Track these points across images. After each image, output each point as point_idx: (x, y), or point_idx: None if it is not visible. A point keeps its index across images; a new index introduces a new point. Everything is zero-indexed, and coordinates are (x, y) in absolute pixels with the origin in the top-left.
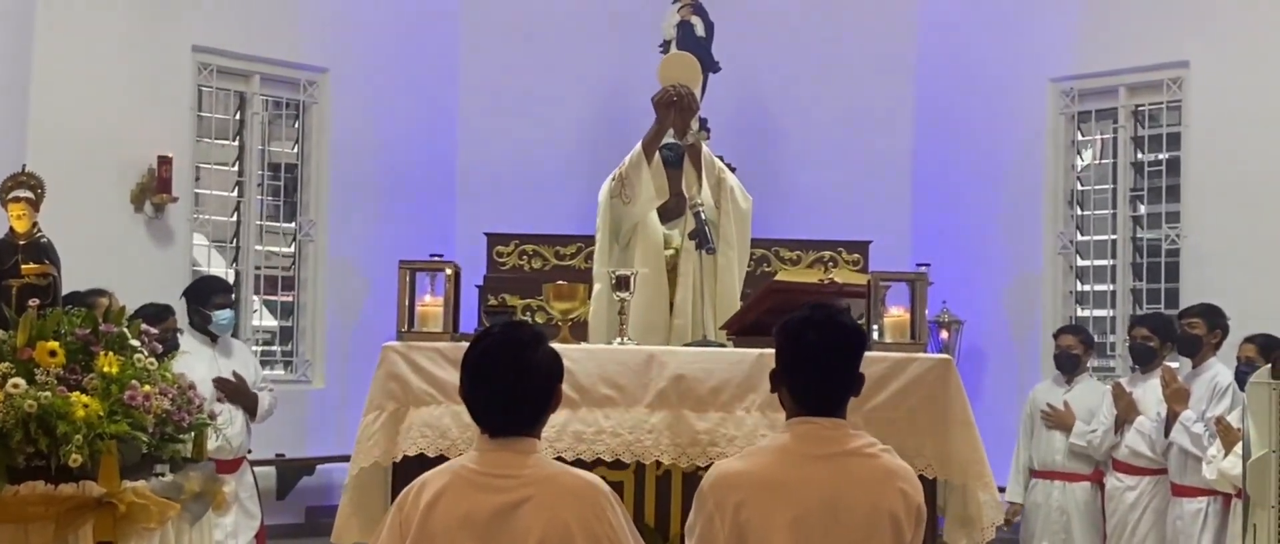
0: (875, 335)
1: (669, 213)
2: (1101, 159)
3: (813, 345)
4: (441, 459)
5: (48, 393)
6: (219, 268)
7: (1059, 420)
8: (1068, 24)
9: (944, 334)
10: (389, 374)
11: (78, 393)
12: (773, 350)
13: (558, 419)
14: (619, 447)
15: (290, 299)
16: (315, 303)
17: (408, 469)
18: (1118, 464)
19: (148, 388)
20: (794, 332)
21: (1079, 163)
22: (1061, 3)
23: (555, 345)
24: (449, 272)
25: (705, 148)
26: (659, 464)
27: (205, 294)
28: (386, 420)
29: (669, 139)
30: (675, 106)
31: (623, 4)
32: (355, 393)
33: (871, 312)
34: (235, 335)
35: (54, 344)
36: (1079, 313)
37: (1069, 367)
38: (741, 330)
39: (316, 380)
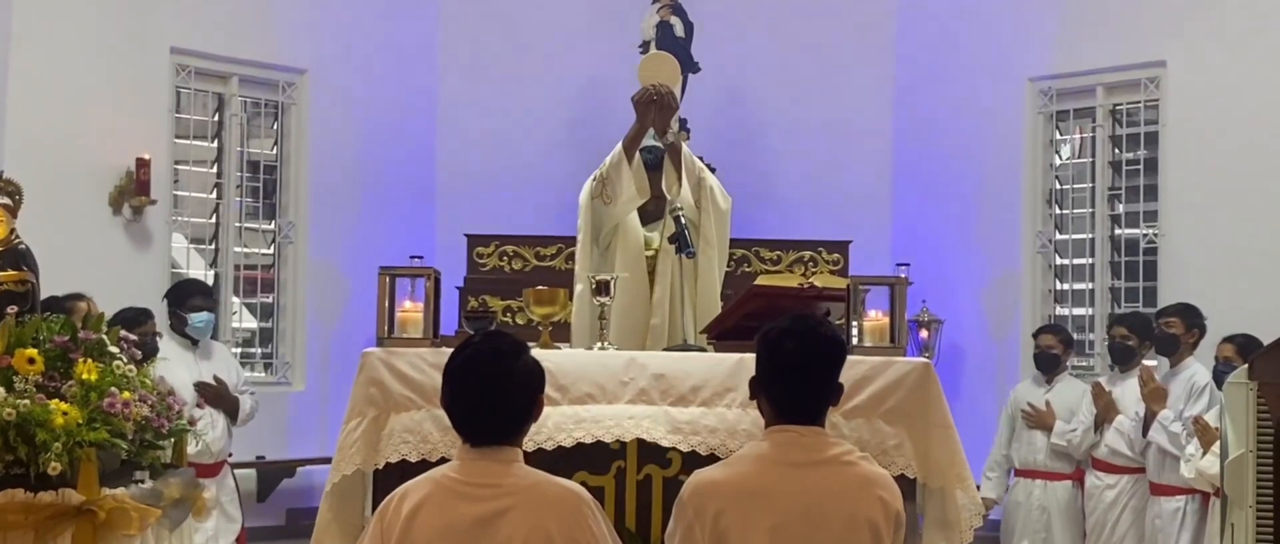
0: (855, 339)
1: (649, 215)
2: (1079, 158)
3: (792, 355)
4: (423, 465)
5: (26, 401)
6: (198, 270)
7: (1039, 420)
8: (1046, 24)
9: (924, 333)
10: (370, 380)
11: (57, 400)
12: (753, 355)
13: (540, 426)
14: (600, 432)
15: (270, 301)
16: (295, 305)
17: (389, 476)
18: (1097, 463)
19: (127, 395)
20: (774, 341)
21: (1057, 160)
22: (1039, 3)
23: (536, 351)
24: (429, 277)
25: (685, 148)
26: (640, 469)
27: (182, 297)
28: (368, 427)
29: (650, 140)
30: (655, 106)
31: (602, 5)
32: (336, 395)
33: (851, 315)
34: (215, 338)
35: (33, 351)
36: (1058, 311)
37: (1048, 366)
38: (722, 334)
39: (297, 382)
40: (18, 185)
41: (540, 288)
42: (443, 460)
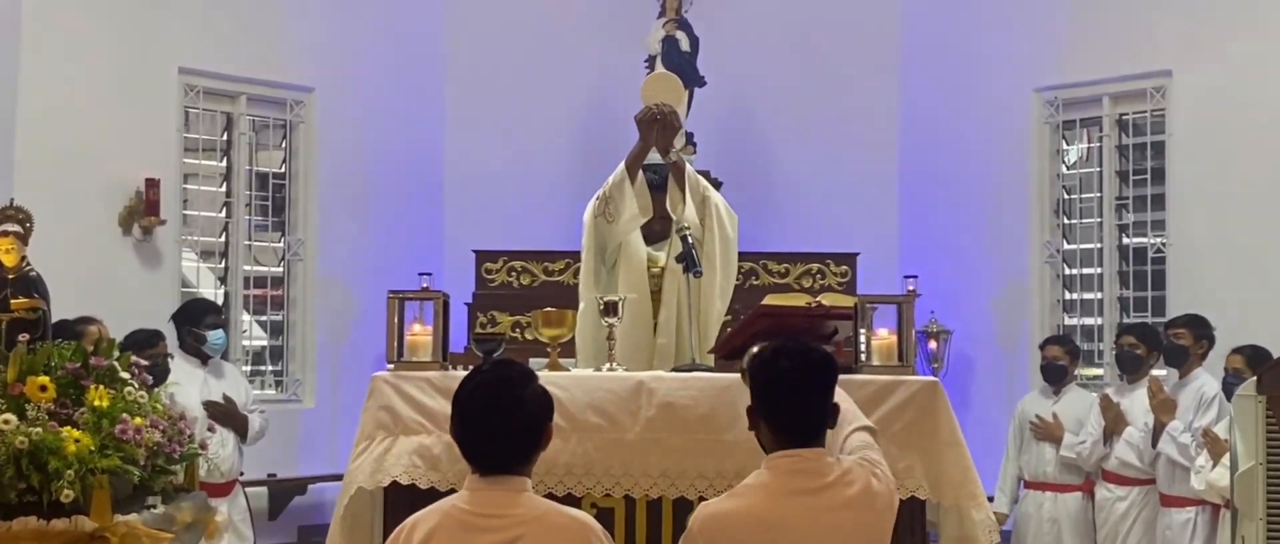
0: (863, 357)
1: (654, 235)
2: (1086, 167)
3: (787, 373)
4: (432, 491)
5: (39, 429)
6: (208, 287)
7: (1048, 432)
8: (1051, 34)
9: (932, 344)
10: (379, 405)
11: (69, 428)
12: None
13: (548, 452)
14: (608, 481)
15: (279, 318)
16: (305, 321)
17: (399, 502)
18: (1107, 475)
19: (139, 421)
20: (767, 361)
21: (1063, 167)
22: (1045, 13)
23: (544, 373)
24: (438, 301)
25: (689, 167)
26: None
27: (197, 316)
28: (378, 453)
29: (654, 158)
30: (658, 125)
31: (608, 20)
32: (347, 412)
33: (859, 333)
34: (225, 357)
35: (44, 379)
36: (1067, 321)
37: (1056, 377)
38: (729, 354)
39: (307, 399)
40: (28, 213)
41: (548, 309)
42: (452, 490)
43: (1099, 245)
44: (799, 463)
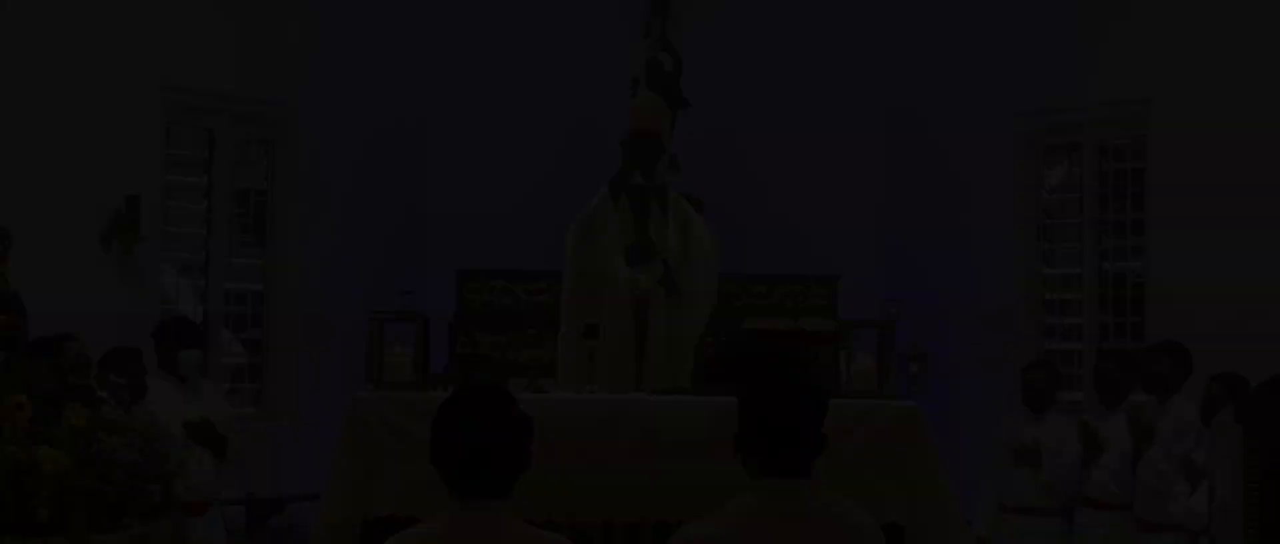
0: (844, 381)
1: (636, 257)
2: (1067, 192)
3: (774, 409)
4: (412, 517)
5: (15, 447)
6: (189, 303)
7: (1027, 457)
8: (1033, 59)
9: (913, 367)
10: (358, 427)
11: (46, 447)
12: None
13: (527, 476)
14: (589, 506)
15: (260, 335)
16: (285, 339)
17: (378, 526)
18: (1086, 500)
19: (115, 439)
20: (754, 396)
21: (1044, 193)
22: (1027, 38)
23: (524, 395)
24: (418, 322)
25: (672, 192)
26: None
27: (173, 334)
28: (356, 475)
29: (637, 181)
30: (642, 149)
31: (592, 40)
32: (326, 431)
33: (839, 358)
34: (204, 375)
35: (21, 397)
36: (1047, 345)
37: (1038, 401)
38: (711, 376)
39: (286, 418)
40: (5, 229)
41: (530, 331)
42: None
43: (1080, 270)
44: (782, 490)
